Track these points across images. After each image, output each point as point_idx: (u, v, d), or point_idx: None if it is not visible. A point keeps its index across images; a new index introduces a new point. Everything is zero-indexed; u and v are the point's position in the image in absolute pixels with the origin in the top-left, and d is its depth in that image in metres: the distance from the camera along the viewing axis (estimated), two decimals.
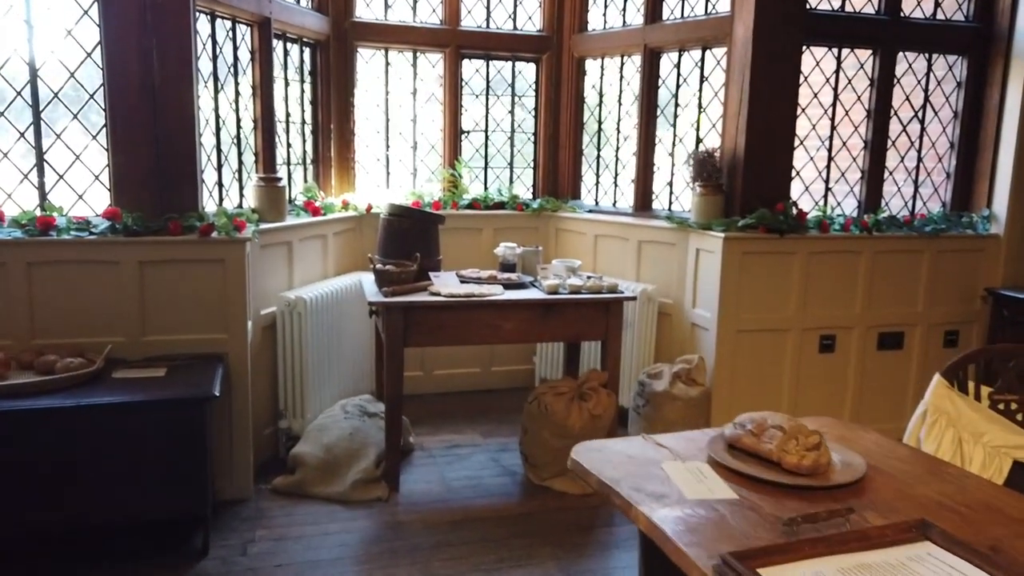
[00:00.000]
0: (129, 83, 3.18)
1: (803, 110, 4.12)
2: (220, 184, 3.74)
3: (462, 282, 3.71)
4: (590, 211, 4.88)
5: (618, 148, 4.83)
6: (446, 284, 3.62)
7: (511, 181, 5.14)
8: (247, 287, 3.32)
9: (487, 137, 5.05)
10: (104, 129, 3.22)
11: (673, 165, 4.53)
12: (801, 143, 4.16)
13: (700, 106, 4.34)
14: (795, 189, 4.20)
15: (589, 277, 3.90)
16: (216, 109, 3.67)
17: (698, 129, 4.37)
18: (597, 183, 4.99)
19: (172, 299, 3.22)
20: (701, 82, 4.32)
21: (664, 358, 4.24)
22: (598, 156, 4.96)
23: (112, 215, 3.13)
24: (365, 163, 4.86)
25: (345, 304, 4.13)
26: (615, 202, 4.89)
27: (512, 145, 5.10)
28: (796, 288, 3.98)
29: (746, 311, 3.92)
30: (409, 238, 3.71)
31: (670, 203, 4.57)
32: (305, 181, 4.52)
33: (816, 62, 4.20)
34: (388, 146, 4.87)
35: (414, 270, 3.57)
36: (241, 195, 3.93)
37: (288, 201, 3.98)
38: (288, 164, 4.31)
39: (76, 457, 2.70)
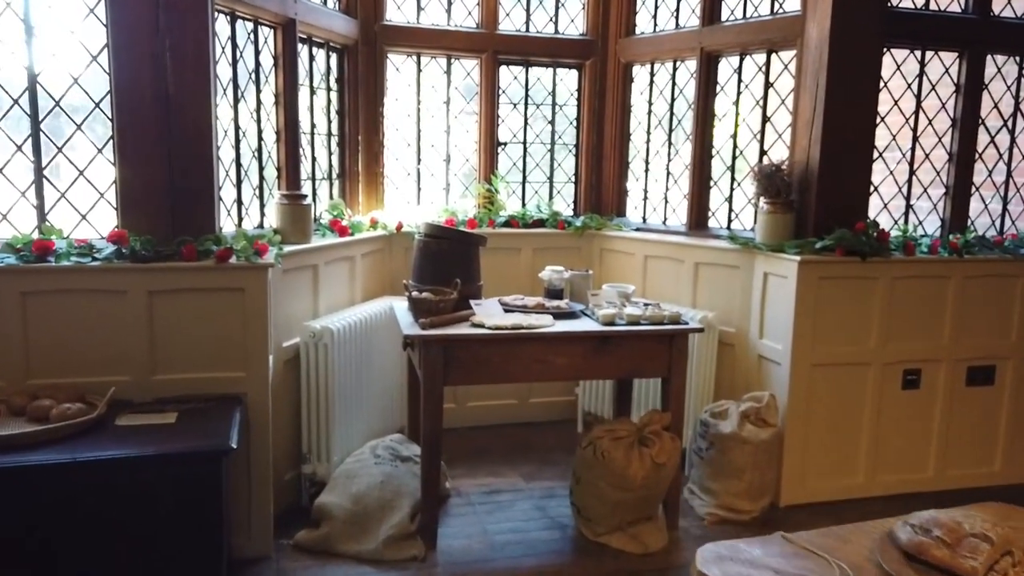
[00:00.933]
0: (139, 90, 2.83)
1: (882, 119, 3.71)
2: (239, 202, 3.39)
3: (506, 311, 3.32)
4: (638, 229, 4.49)
5: (669, 160, 4.43)
6: (489, 314, 3.24)
7: (551, 197, 4.76)
8: (269, 318, 2.95)
9: (525, 149, 4.67)
10: (111, 142, 2.87)
11: (733, 180, 4.13)
12: (880, 155, 3.75)
13: (764, 115, 3.94)
14: (872, 206, 3.78)
15: (646, 305, 3.50)
16: (236, 119, 3.32)
17: (762, 140, 3.97)
18: (645, 199, 4.60)
19: (185, 333, 2.85)
20: (766, 88, 3.92)
21: (726, 394, 3.83)
22: (647, 169, 4.57)
23: (118, 238, 2.77)
24: (394, 178, 4.50)
25: (374, 333, 3.76)
26: (665, 220, 4.50)
27: (552, 158, 4.72)
28: (878, 317, 3.56)
29: (823, 343, 3.50)
30: (447, 261, 3.33)
31: (729, 221, 4.17)
32: (331, 197, 4.16)
33: (897, 65, 3.80)
34: (419, 159, 4.51)
35: (454, 298, 3.19)
36: (262, 214, 3.57)
37: (313, 220, 3.62)
38: (313, 179, 3.95)
39: (71, 520, 2.33)
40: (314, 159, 3.95)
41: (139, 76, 2.82)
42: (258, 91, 3.47)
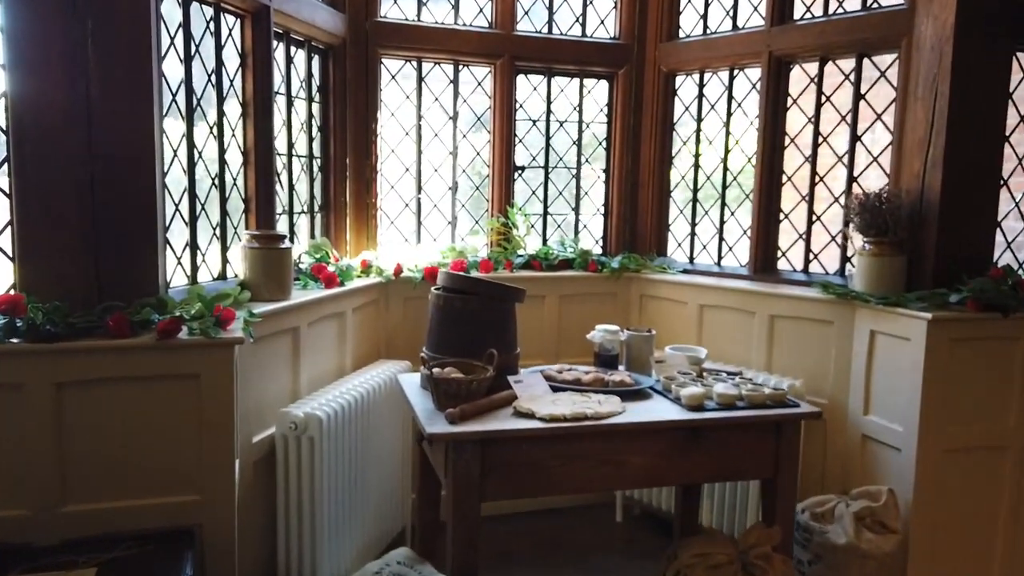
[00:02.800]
0: (47, 92, 1.97)
1: (1007, 138, 2.99)
2: (193, 247, 2.52)
3: (554, 388, 2.50)
4: (685, 271, 3.71)
5: (725, 188, 3.67)
6: (535, 395, 2.41)
7: (576, 232, 3.96)
8: (235, 414, 2.08)
9: (547, 175, 3.87)
10: (5, 165, 2.00)
11: (812, 213, 3.37)
12: (1004, 183, 3.02)
13: (854, 133, 3.20)
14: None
15: (730, 376, 2.71)
16: (189, 135, 2.46)
17: (851, 165, 3.23)
18: (692, 235, 3.82)
19: (111, 443, 1.97)
20: (856, 100, 3.18)
21: (817, 485, 3.04)
22: (694, 200, 3.80)
23: (11, 306, 1.89)
24: (389, 210, 3.66)
25: (372, 413, 2.89)
26: (720, 260, 3.72)
27: (578, 186, 3.93)
28: (1020, 387, 2.81)
29: (955, 422, 2.73)
30: (477, 324, 2.49)
31: (806, 263, 3.40)
32: (312, 236, 3.30)
33: None
34: (420, 188, 3.68)
35: (490, 377, 2.35)
36: (224, 261, 2.70)
37: (293, 267, 2.75)
38: (290, 213, 3.09)
39: None
40: (292, 188, 3.09)
41: (46, 73, 1.96)
42: (220, 99, 2.62)
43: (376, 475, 2.95)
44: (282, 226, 3.02)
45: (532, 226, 3.79)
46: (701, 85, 3.73)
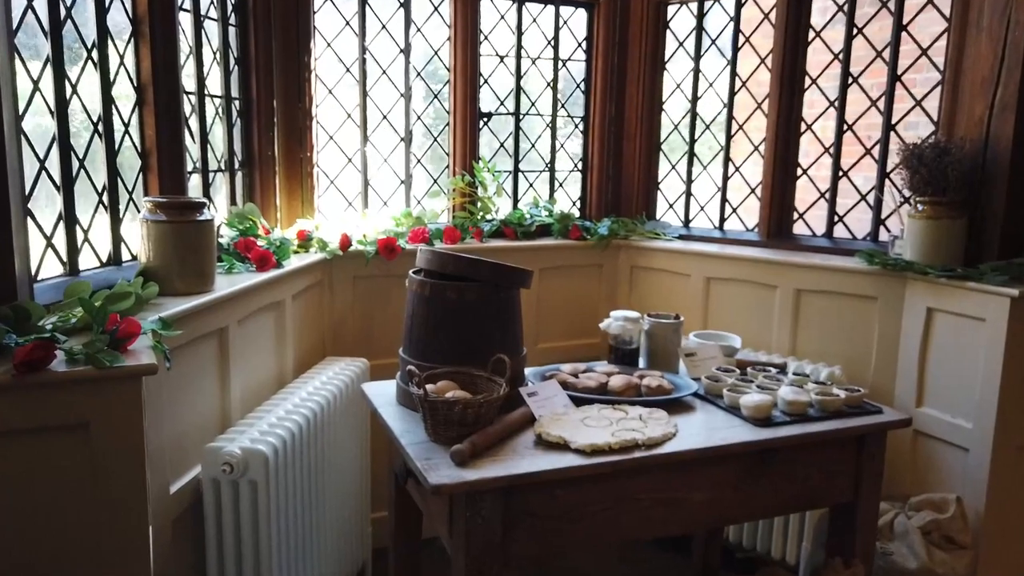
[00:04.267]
0: None
1: None
2: (70, 221, 1.77)
3: (574, 399, 1.91)
4: (681, 237, 3.17)
5: (729, 138, 3.12)
6: (556, 412, 1.82)
7: (551, 192, 3.35)
8: (144, 469, 1.39)
9: (518, 124, 3.23)
10: None
11: (840, 170, 2.87)
12: None
13: (894, 71, 2.70)
14: None
15: (779, 372, 2.20)
16: (56, 64, 1.69)
17: (889, 107, 2.73)
18: (688, 194, 3.27)
19: None
20: (897, 32, 2.68)
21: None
22: (691, 153, 3.24)
23: None
24: (328, 166, 2.95)
25: (326, 433, 2.23)
26: (722, 224, 3.20)
27: (553, 136, 3.30)
28: None
29: None
30: (475, 320, 1.86)
31: (830, 226, 2.92)
32: (233, 202, 2.57)
33: None
34: (366, 138, 2.97)
35: (504, 396, 1.74)
36: (117, 240, 1.96)
37: (216, 246, 2.03)
38: (204, 172, 2.35)
39: None
40: (205, 138, 2.34)
41: None
42: (101, 11, 1.85)
43: (334, 507, 2.31)
44: (195, 189, 2.28)
45: (501, 185, 3.15)
46: (700, 15, 3.15)
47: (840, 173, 2.87)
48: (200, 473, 1.86)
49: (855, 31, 2.78)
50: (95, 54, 1.84)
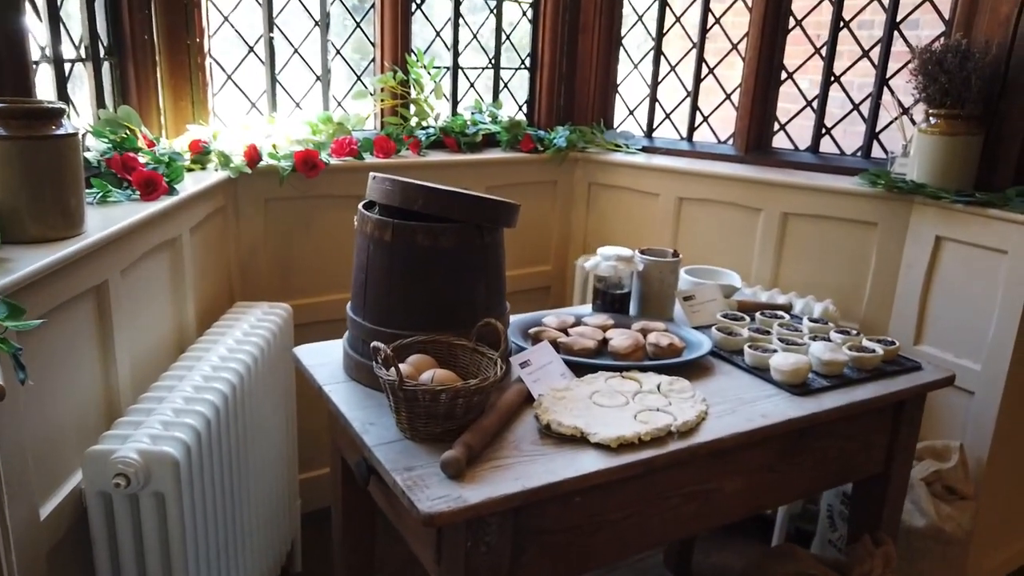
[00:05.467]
0: None
1: None
2: None
3: (570, 365, 1.53)
4: (644, 150, 2.78)
5: (704, 33, 2.70)
6: (556, 389, 1.44)
7: (495, 94, 2.85)
8: (2, 496, 0.92)
9: (457, 9, 2.68)
10: None
11: (832, 74, 2.52)
12: None
13: None
14: None
15: (793, 318, 1.90)
16: None
17: (895, 2, 2.38)
18: (653, 100, 2.86)
19: None
20: None
21: None
22: (658, 51, 2.80)
23: None
24: (223, 57, 2.34)
25: (249, 406, 1.76)
26: (691, 135, 2.82)
27: (499, 26, 2.77)
28: None
29: None
30: (453, 273, 1.41)
31: (816, 140, 2.59)
32: (100, 104, 1.95)
33: None
34: (272, 23, 2.36)
35: (501, 375, 1.32)
36: None
37: (82, 168, 1.46)
38: (57, 63, 1.73)
39: None
40: (56, 15, 1.71)
41: None
42: None
43: (260, 492, 1.87)
44: (45, 87, 1.68)
45: (439, 84, 2.63)
46: None
47: (832, 78, 2.52)
48: (82, 483, 1.38)
49: None
50: None
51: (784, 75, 2.59)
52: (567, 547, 1.29)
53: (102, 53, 1.95)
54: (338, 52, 2.50)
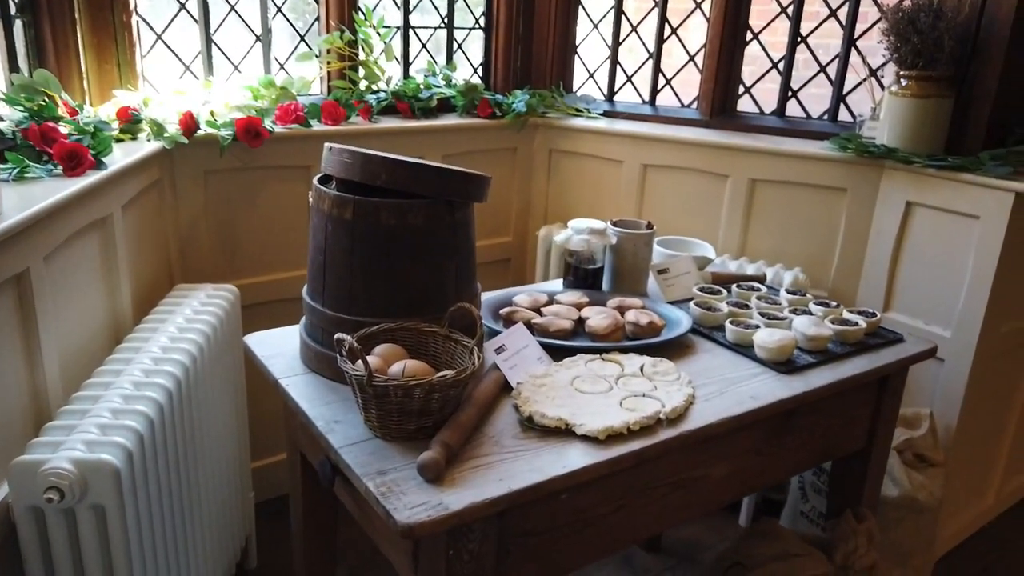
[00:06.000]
0: None
1: None
2: None
3: (546, 347, 1.43)
4: (605, 114, 2.68)
5: None
6: (535, 376, 1.34)
7: (449, 55, 2.70)
8: None
9: None
10: None
11: (799, 36, 2.44)
12: None
13: None
14: None
15: (770, 289, 1.84)
16: None
17: None
18: (615, 62, 2.74)
19: None
20: None
21: None
22: (619, 9, 2.68)
23: None
24: (152, 15, 2.13)
25: (198, 399, 1.62)
26: (653, 99, 2.72)
27: None
28: None
29: (1011, 318, 2.13)
30: (422, 253, 1.29)
31: (782, 103, 2.52)
32: (11, 67, 1.75)
33: None
34: None
35: (477, 366, 1.21)
36: None
37: None
38: None
39: None
40: None
41: None
42: None
43: (210, 492, 1.73)
44: None
45: (389, 44, 2.46)
46: None
47: (798, 39, 2.45)
48: (9, 497, 1.23)
49: None
50: None
51: (749, 36, 2.50)
52: (553, 547, 1.20)
53: (12, 10, 1.74)
54: (279, 10, 2.31)
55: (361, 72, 2.41)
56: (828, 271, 2.31)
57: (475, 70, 2.75)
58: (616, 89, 2.76)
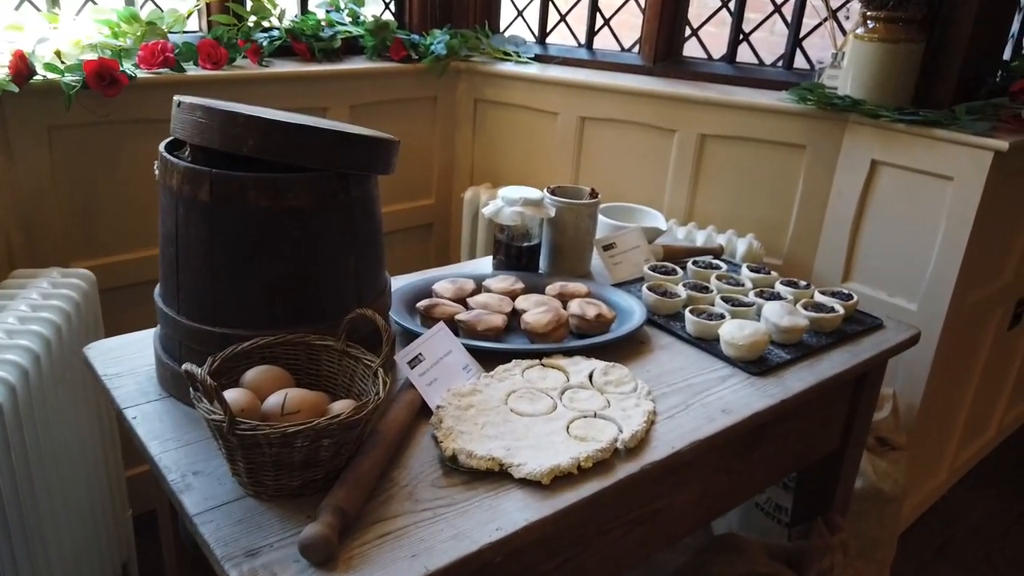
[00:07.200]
0: None
1: None
2: None
3: (472, 352, 1.16)
4: (537, 58, 2.37)
5: None
6: (460, 393, 1.06)
7: None
8: None
9: None
10: None
11: None
12: None
13: None
14: None
15: (731, 266, 1.61)
16: None
17: None
18: (547, 0, 2.43)
19: None
20: None
21: None
22: None
23: None
24: None
25: (41, 413, 1.28)
26: (590, 42, 2.41)
27: None
28: None
29: (975, 284, 1.96)
30: (308, 245, 0.98)
31: (733, 49, 2.26)
32: None
33: None
34: None
35: (382, 398, 0.92)
36: None
37: None
38: None
39: None
40: None
41: None
42: None
43: (71, 520, 1.41)
44: None
45: None
46: None
47: None
48: None
49: None
50: None
51: None
52: None
53: None
54: None
55: (249, 5, 2.03)
56: (783, 238, 2.09)
57: (387, 5, 2.39)
58: (548, 30, 2.45)
